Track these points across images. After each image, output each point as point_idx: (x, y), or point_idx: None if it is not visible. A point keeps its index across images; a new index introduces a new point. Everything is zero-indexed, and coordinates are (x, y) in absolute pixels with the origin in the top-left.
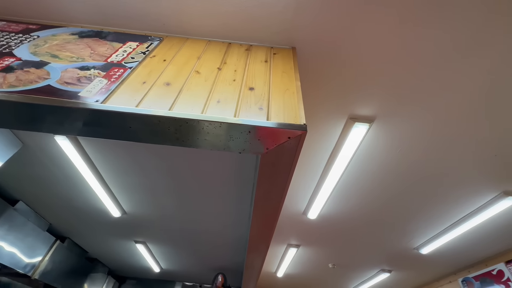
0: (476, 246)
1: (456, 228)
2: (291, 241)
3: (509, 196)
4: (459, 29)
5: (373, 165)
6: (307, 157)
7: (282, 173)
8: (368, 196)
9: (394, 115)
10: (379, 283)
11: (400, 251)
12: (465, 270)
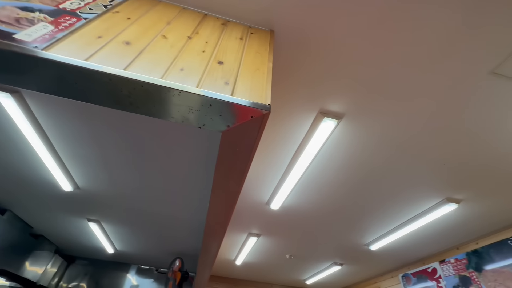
0: (417, 246)
1: (403, 228)
2: (253, 230)
3: (451, 202)
4: (427, 40)
5: (336, 162)
6: (276, 147)
7: (243, 154)
8: (329, 192)
9: (362, 115)
10: (330, 275)
11: (353, 246)
12: (406, 267)
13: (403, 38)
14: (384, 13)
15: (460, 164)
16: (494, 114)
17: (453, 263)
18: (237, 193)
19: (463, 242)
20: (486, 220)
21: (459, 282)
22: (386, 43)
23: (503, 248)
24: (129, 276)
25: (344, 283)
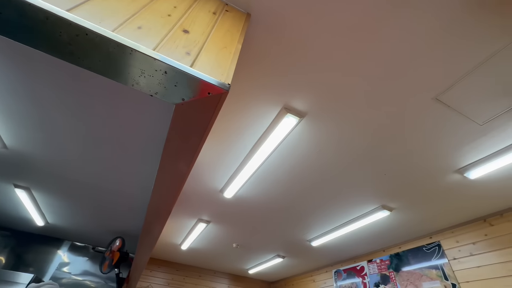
0: (351, 245)
1: (342, 228)
2: (203, 217)
3: (385, 209)
4: (388, 60)
5: (293, 159)
6: (237, 135)
7: (196, 133)
8: (282, 187)
9: (322, 117)
10: (272, 266)
11: (296, 241)
12: (339, 264)
13: (370, 54)
14: (359, 23)
15: (397, 176)
16: (431, 136)
17: (378, 263)
18: (186, 174)
19: (389, 246)
20: (410, 228)
21: (380, 280)
22: (355, 53)
23: (418, 253)
24: (60, 252)
25: (283, 275)
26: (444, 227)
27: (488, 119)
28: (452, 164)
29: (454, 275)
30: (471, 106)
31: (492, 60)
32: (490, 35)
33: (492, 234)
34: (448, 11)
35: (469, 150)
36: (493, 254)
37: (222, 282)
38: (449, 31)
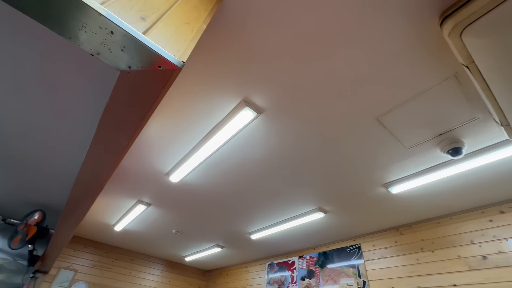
0: (287, 241)
1: (281, 225)
2: (144, 198)
3: (321, 211)
4: (343, 76)
5: (244, 152)
6: (193, 119)
7: (140, 106)
8: (230, 178)
9: (279, 117)
10: (209, 255)
11: (236, 233)
12: (273, 257)
13: (327, 69)
14: (318, 38)
15: (335, 183)
16: (367, 151)
17: (307, 259)
18: (124, 149)
19: (319, 244)
20: (339, 230)
21: (306, 274)
22: (313, 65)
23: (342, 253)
24: None
25: (219, 264)
26: (365, 232)
27: (414, 144)
28: (380, 179)
29: (366, 273)
30: (402, 131)
31: (424, 94)
32: (427, 73)
33: (400, 241)
34: (397, 45)
35: (395, 168)
36: (398, 258)
37: (155, 267)
38: (397, 61)
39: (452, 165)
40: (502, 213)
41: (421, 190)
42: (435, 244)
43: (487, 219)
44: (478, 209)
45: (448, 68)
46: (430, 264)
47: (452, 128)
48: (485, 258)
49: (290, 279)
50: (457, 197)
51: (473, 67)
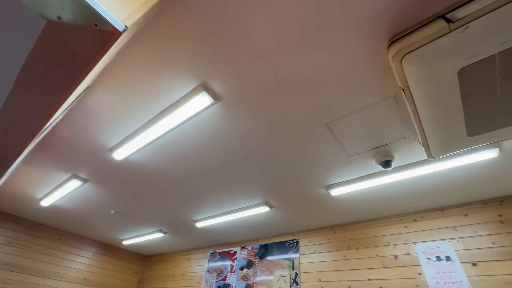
0: (232, 231)
1: (228, 215)
2: (80, 173)
3: (267, 205)
4: (304, 79)
5: (197, 138)
6: (146, 95)
7: (68, 67)
8: (180, 163)
9: (237, 107)
10: (150, 240)
11: (181, 220)
12: (217, 247)
13: (285, 67)
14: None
15: (283, 179)
16: (313, 153)
17: (249, 250)
18: (49, 112)
19: (262, 237)
20: (281, 225)
21: (246, 264)
22: (275, 60)
23: (281, 246)
24: None
25: (160, 250)
26: (305, 229)
27: (355, 153)
28: (323, 181)
29: (299, 266)
30: (346, 139)
31: (369, 109)
32: (373, 89)
33: (333, 239)
34: (351, 59)
35: (336, 172)
36: (328, 254)
37: (87, 249)
38: (349, 73)
39: (382, 176)
40: (415, 221)
41: (356, 195)
42: (360, 244)
43: (403, 225)
44: (397, 216)
45: (390, 88)
46: (353, 260)
47: (386, 143)
48: (396, 258)
49: (229, 268)
50: (383, 204)
51: (408, 91)
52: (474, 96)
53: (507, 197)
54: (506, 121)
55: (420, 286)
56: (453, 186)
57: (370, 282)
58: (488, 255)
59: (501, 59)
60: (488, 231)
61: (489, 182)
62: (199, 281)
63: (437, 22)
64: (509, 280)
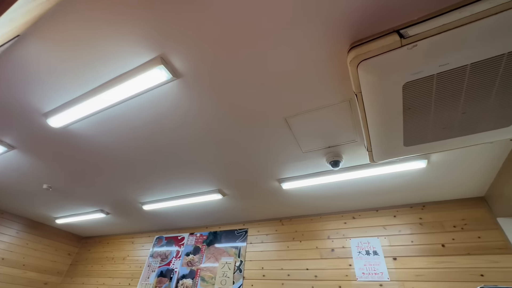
0: (181, 217)
1: (178, 200)
2: (5, 138)
3: (220, 193)
4: (266, 72)
5: (151, 115)
6: (93, 57)
7: None
8: (130, 140)
9: (196, 88)
10: (90, 220)
11: (127, 201)
12: (164, 231)
13: (256, 55)
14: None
15: (238, 169)
16: (269, 146)
17: (198, 237)
18: None
19: (212, 224)
20: (233, 214)
21: (192, 250)
22: (240, 52)
23: (230, 234)
24: None
25: (100, 232)
26: (255, 219)
27: (308, 150)
28: (276, 174)
29: (245, 254)
30: (302, 136)
31: (326, 109)
32: (332, 90)
33: (280, 230)
34: (315, 57)
35: (290, 167)
36: (274, 244)
37: (9, 226)
38: (312, 71)
39: (330, 174)
40: (354, 219)
41: (306, 190)
42: (304, 236)
43: (342, 222)
44: (339, 213)
45: (347, 93)
46: (295, 251)
47: (337, 144)
48: (333, 250)
49: (175, 253)
50: (328, 201)
51: (360, 97)
52: (413, 110)
53: (428, 203)
54: (435, 136)
55: (349, 275)
56: (388, 189)
57: (307, 271)
58: (406, 251)
59: (438, 79)
60: (409, 231)
61: (416, 189)
62: (141, 265)
63: (391, 36)
64: (419, 272)
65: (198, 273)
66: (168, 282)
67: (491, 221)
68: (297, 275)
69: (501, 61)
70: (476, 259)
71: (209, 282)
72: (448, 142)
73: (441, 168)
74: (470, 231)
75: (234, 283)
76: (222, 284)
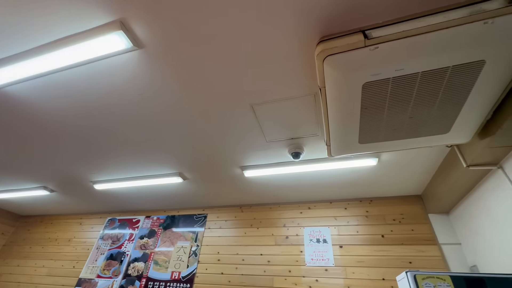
0: (137, 199)
1: (134, 181)
2: None
3: (180, 177)
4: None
5: (107, 85)
6: (41, 13)
7: None
8: (81, 111)
9: (162, 62)
10: (29, 198)
11: (76, 178)
12: (118, 213)
13: (227, 35)
14: None
15: (201, 153)
16: (234, 132)
17: (154, 220)
18: None
19: (171, 208)
20: (193, 199)
21: (147, 233)
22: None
23: (188, 219)
24: None
25: (43, 211)
26: (215, 205)
27: (272, 140)
28: (239, 161)
29: (202, 239)
30: (267, 125)
31: (292, 100)
32: (300, 83)
33: (239, 217)
34: (286, 47)
35: (253, 155)
36: (232, 230)
37: None
38: (282, 60)
39: (291, 165)
40: (309, 209)
41: (267, 179)
42: (261, 223)
43: (298, 211)
44: (297, 203)
45: (314, 86)
46: (252, 237)
47: (300, 136)
48: (287, 238)
49: (128, 236)
50: (287, 191)
51: (324, 91)
52: (369, 110)
53: (375, 198)
54: (386, 136)
55: (299, 261)
56: (342, 184)
57: (261, 256)
58: (351, 240)
59: (393, 83)
60: (356, 222)
61: (366, 184)
62: (88, 247)
63: (357, 35)
64: (360, 259)
65: (151, 256)
66: (118, 265)
67: (423, 217)
68: (251, 260)
69: (446, 73)
70: (407, 248)
71: (163, 265)
72: (396, 143)
73: (389, 167)
74: (406, 224)
75: (188, 266)
76: (176, 268)
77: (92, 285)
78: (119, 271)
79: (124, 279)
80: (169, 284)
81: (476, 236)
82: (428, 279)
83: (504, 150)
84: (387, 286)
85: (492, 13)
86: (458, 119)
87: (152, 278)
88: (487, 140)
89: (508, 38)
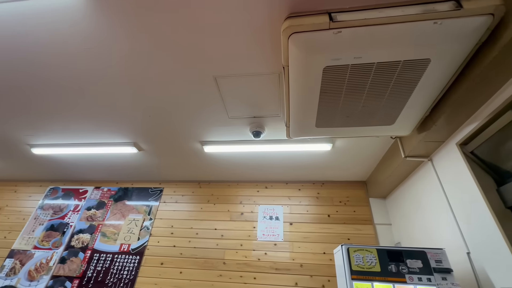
0: (85, 168)
1: (84, 147)
2: None
3: (135, 147)
4: None
5: (46, 31)
6: None
7: None
8: (16, 57)
9: (111, 9)
10: None
11: (10, 139)
12: (62, 182)
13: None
14: None
15: (158, 123)
16: (195, 105)
17: (104, 191)
18: None
19: (124, 180)
20: (148, 171)
21: (95, 205)
22: None
23: (143, 192)
24: None
25: None
26: (172, 179)
27: (234, 116)
28: (199, 135)
29: (156, 213)
30: (230, 101)
31: (257, 77)
32: (265, 59)
33: (197, 193)
34: (255, 20)
35: (214, 130)
36: (188, 205)
37: None
38: (248, 34)
39: (251, 144)
40: (266, 188)
41: (227, 156)
42: (218, 200)
43: (255, 190)
44: (254, 182)
45: (278, 65)
46: (207, 213)
47: (262, 115)
48: (242, 214)
49: (73, 207)
50: (246, 169)
51: (287, 71)
52: (328, 95)
53: (327, 182)
54: (340, 122)
55: (251, 236)
56: (298, 166)
57: (215, 231)
58: (301, 218)
59: (351, 70)
60: (307, 202)
61: (320, 168)
62: (24, 217)
63: (323, 16)
64: (306, 236)
65: (99, 228)
66: (60, 236)
67: (365, 200)
68: (205, 234)
69: (397, 67)
70: (348, 227)
71: (111, 237)
72: (348, 130)
73: (341, 154)
74: (350, 206)
75: (139, 239)
76: (126, 240)
77: (28, 256)
78: (61, 243)
79: (66, 250)
80: (117, 256)
81: (403, 218)
82: (358, 251)
83: (435, 144)
84: (326, 258)
85: (442, 14)
86: (402, 113)
87: (99, 250)
88: (423, 135)
89: (452, 41)
